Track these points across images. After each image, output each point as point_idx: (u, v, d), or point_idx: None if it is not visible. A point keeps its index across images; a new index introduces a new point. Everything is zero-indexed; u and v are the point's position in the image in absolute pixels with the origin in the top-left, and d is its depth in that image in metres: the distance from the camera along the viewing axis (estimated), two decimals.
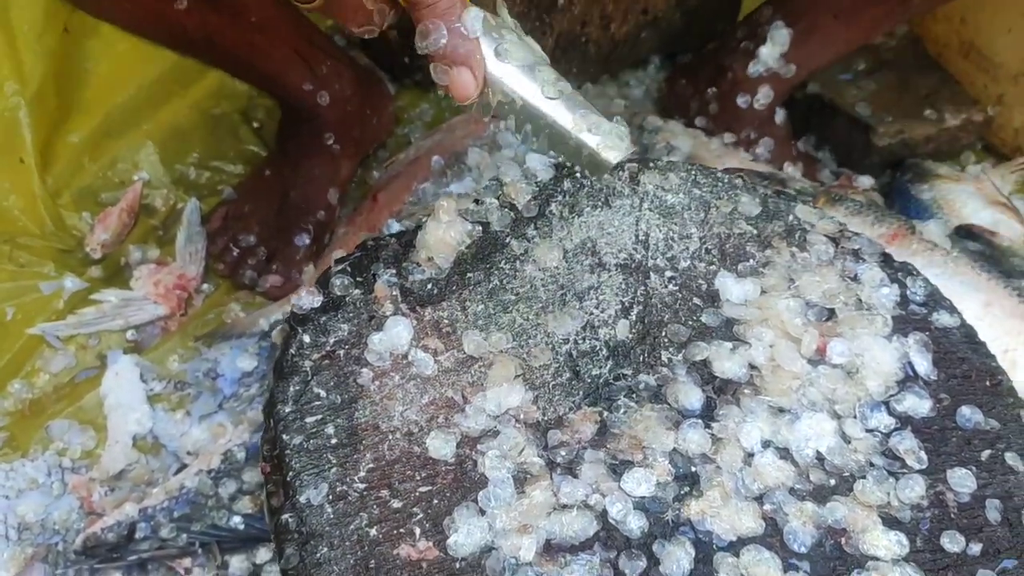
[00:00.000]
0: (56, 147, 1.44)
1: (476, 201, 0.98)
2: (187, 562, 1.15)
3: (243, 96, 1.59)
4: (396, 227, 1.22)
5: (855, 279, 0.96)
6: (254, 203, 1.42)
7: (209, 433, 1.25)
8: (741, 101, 1.42)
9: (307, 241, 1.37)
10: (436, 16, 0.72)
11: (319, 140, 1.39)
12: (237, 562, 1.16)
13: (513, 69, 0.76)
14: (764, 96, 1.41)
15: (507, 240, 0.95)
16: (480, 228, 0.96)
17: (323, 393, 0.86)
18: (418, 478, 0.82)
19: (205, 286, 1.39)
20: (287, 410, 0.85)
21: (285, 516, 0.80)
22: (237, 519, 1.15)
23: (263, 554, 1.17)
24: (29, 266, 1.35)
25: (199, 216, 1.45)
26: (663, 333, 0.92)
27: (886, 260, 0.99)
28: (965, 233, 1.28)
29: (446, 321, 0.91)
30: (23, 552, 1.17)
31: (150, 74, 1.51)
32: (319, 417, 0.84)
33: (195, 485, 1.17)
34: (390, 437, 0.84)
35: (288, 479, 0.82)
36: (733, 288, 0.94)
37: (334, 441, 0.83)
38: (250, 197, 1.43)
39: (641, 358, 0.91)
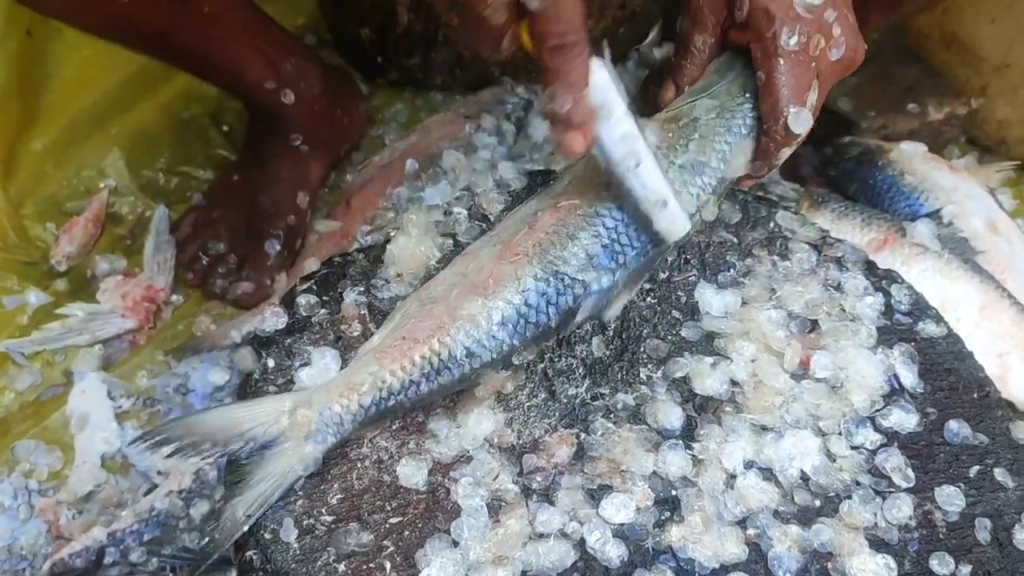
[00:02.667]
0: (19, 155, 1.40)
1: (446, 212, 0.95)
2: None
3: (212, 99, 1.55)
4: (367, 239, 1.19)
5: (838, 288, 0.94)
6: (223, 209, 1.38)
7: None
8: None
9: (277, 247, 1.33)
10: (567, 85, 0.75)
11: (286, 141, 1.35)
12: None
13: (609, 133, 0.80)
14: None
15: None
16: (451, 241, 0.93)
17: None
18: (388, 508, 0.79)
19: (174, 297, 1.35)
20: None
21: (249, 553, 0.77)
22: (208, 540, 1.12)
23: None
24: None
25: (168, 224, 1.40)
26: (641, 349, 0.89)
27: (870, 268, 0.97)
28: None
29: None
30: None
31: (116, 78, 1.47)
32: None
33: (165, 507, 1.13)
34: (359, 465, 0.81)
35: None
36: (713, 300, 0.91)
37: None
38: (219, 202, 1.39)
39: (619, 376, 0.88)
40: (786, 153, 0.92)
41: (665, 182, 0.83)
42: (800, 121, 0.88)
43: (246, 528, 0.77)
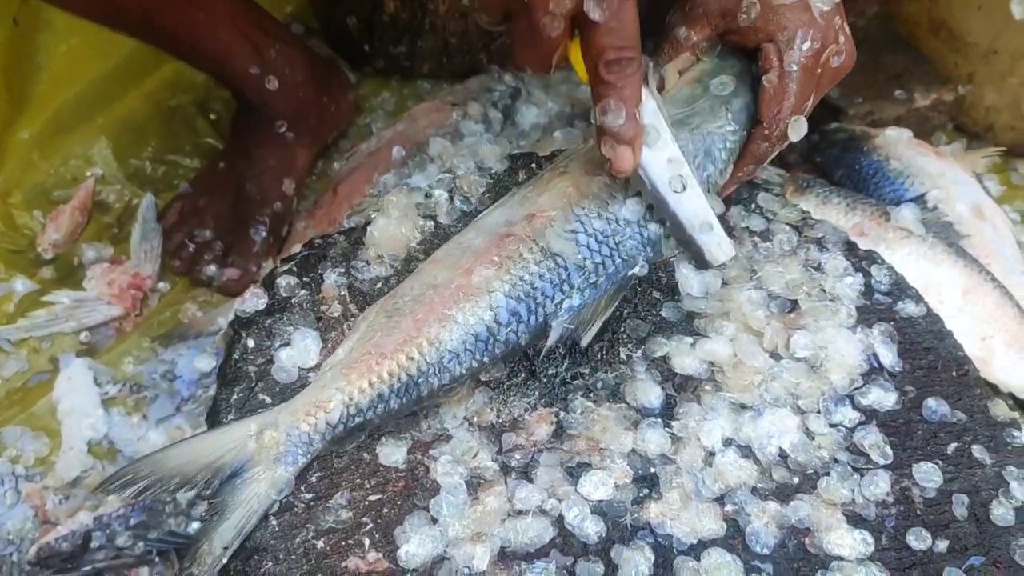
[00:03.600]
0: (6, 144, 1.40)
1: (427, 195, 0.95)
2: (144, 571, 1.11)
3: (200, 88, 1.55)
4: (349, 222, 1.19)
5: (818, 268, 0.94)
6: (209, 197, 1.38)
7: (167, 436, 1.21)
8: None
9: (263, 233, 1.33)
10: (620, 99, 0.76)
11: (271, 128, 1.35)
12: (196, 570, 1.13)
13: (655, 156, 0.81)
14: None
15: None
16: (432, 223, 0.93)
17: (268, 400, 0.83)
18: (368, 486, 0.79)
19: (161, 285, 1.35)
20: (231, 419, 0.81)
21: None
22: (196, 525, 1.12)
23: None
24: None
25: (155, 212, 1.40)
26: (622, 329, 0.90)
27: (850, 248, 0.97)
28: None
29: None
30: None
31: (104, 67, 1.47)
32: None
33: None
34: None
35: None
36: (693, 281, 0.91)
37: None
38: (205, 191, 1.39)
39: (599, 355, 0.88)
40: (773, 155, 0.92)
41: (710, 207, 0.83)
42: (798, 129, 0.88)
43: (225, 560, 0.76)
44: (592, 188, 0.85)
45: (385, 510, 0.78)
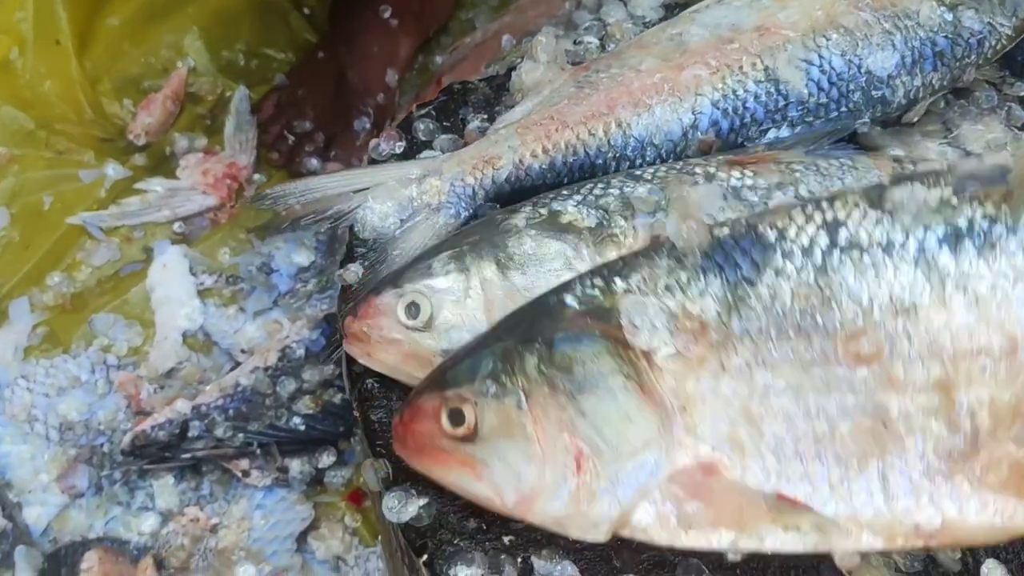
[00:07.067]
0: (95, 30, 1.33)
1: (575, 42, 0.85)
2: (244, 463, 1.05)
3: None
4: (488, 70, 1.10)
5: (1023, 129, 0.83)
6: (308, 87, 1.31)
7: (264, 330, 1.14)
8: None
9: (367, 125, 1.26)
10: None
11: (375, 13, 1.28)
12: (298, 465, 1.06)
13: None
14: None
15: None
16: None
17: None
18: None
19: (256, 176, 1.28)
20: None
21: (368, 381, 0.69)
22: (297, 419, 1.05)
23: (326, 459, 1.06)
24: (68, 153, 1.25)
25: (248, 104, 1.33)
26: None
27: None
28: None
29: None
30: (65, 453, 1.07)
31: None
32: None
33: (251, 383, 1.06)
34: None
35: None
36: (876, 138, 0.80)
37: None
38: (304, 81, 1.32)
39: None
40: None
41: None
42: None
43: None
44: (846, 21, 0.75)
45: None
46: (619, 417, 0.55)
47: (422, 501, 0.62)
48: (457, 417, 0.56)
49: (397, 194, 0.72)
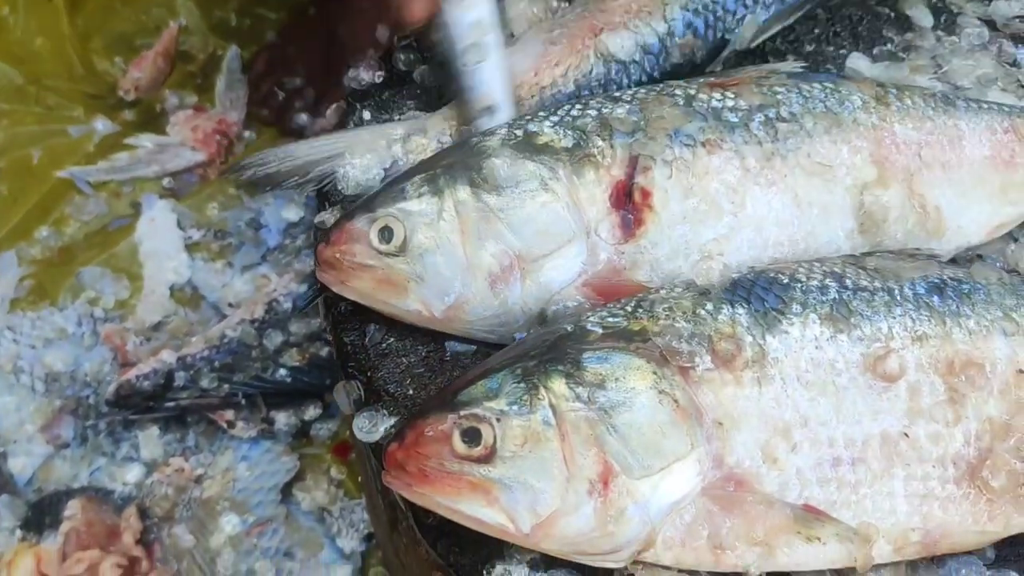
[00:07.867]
0: None
1: None
2: (229, 414, 1.04)
3: None
4: None
5: (1014, 64, 0.81)
6: (299, 44, 1.29)
7: (252, 284, 1.13)
8: None
9: None
10: None
11: None
12: (284, 418, 1.05)
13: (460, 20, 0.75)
14: None
15: None
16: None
17: None
18: None
19: (247, 133, 1.27)
20: None
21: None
22: (283, 372, 1.05)
23: (312, 411, 1.06)
24: (57, 109, 1.24)
25: (240, 63, 1.32)
26: None
27: None
28: None
29: None
30: (51, 404, 1.07)
31: None
32: None
33: (237, 335, 1.06)
34: None
35: None
36: (865, 71, 0.79)
37: None
38: (294, 38, 1.30)
39: None
40: None
41: (504, 87, 0.73)
42: None
43: None
44: None
45: None
46: (653, 432, 0.54)
47: (392, 421, 0.61)
48: (473, 436, 0.54)
49: (377, 146, 0.71)
